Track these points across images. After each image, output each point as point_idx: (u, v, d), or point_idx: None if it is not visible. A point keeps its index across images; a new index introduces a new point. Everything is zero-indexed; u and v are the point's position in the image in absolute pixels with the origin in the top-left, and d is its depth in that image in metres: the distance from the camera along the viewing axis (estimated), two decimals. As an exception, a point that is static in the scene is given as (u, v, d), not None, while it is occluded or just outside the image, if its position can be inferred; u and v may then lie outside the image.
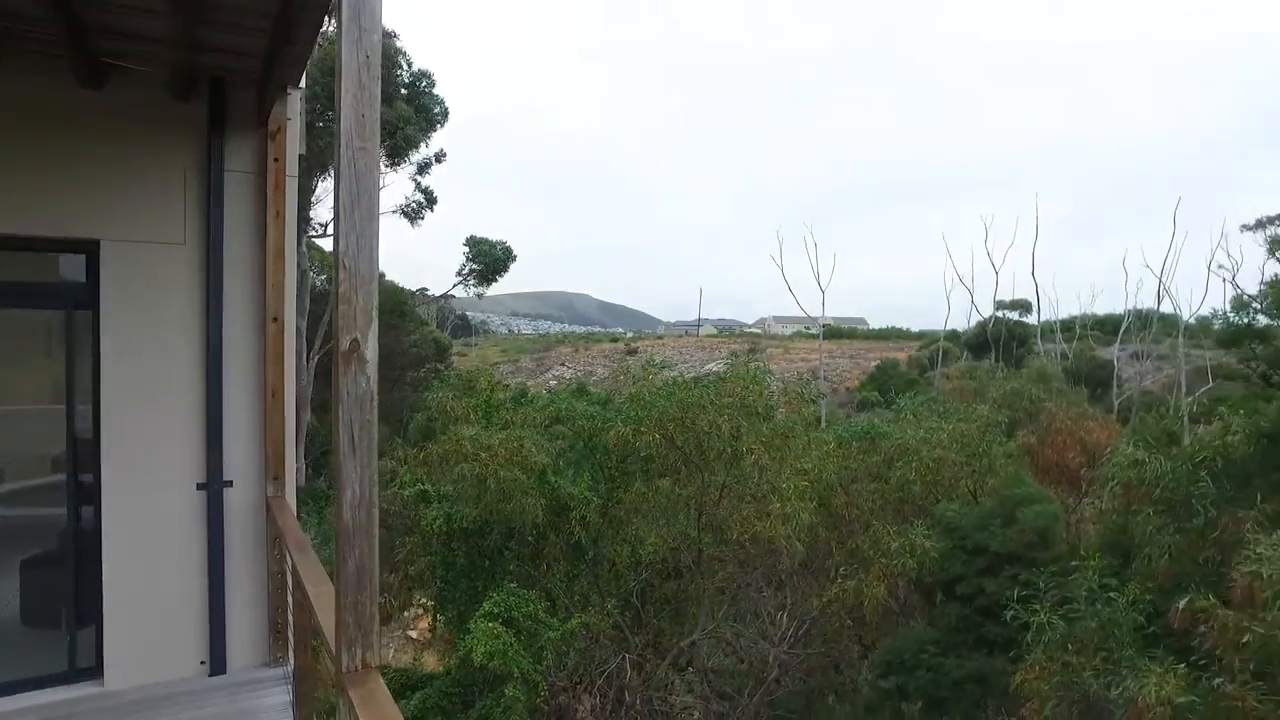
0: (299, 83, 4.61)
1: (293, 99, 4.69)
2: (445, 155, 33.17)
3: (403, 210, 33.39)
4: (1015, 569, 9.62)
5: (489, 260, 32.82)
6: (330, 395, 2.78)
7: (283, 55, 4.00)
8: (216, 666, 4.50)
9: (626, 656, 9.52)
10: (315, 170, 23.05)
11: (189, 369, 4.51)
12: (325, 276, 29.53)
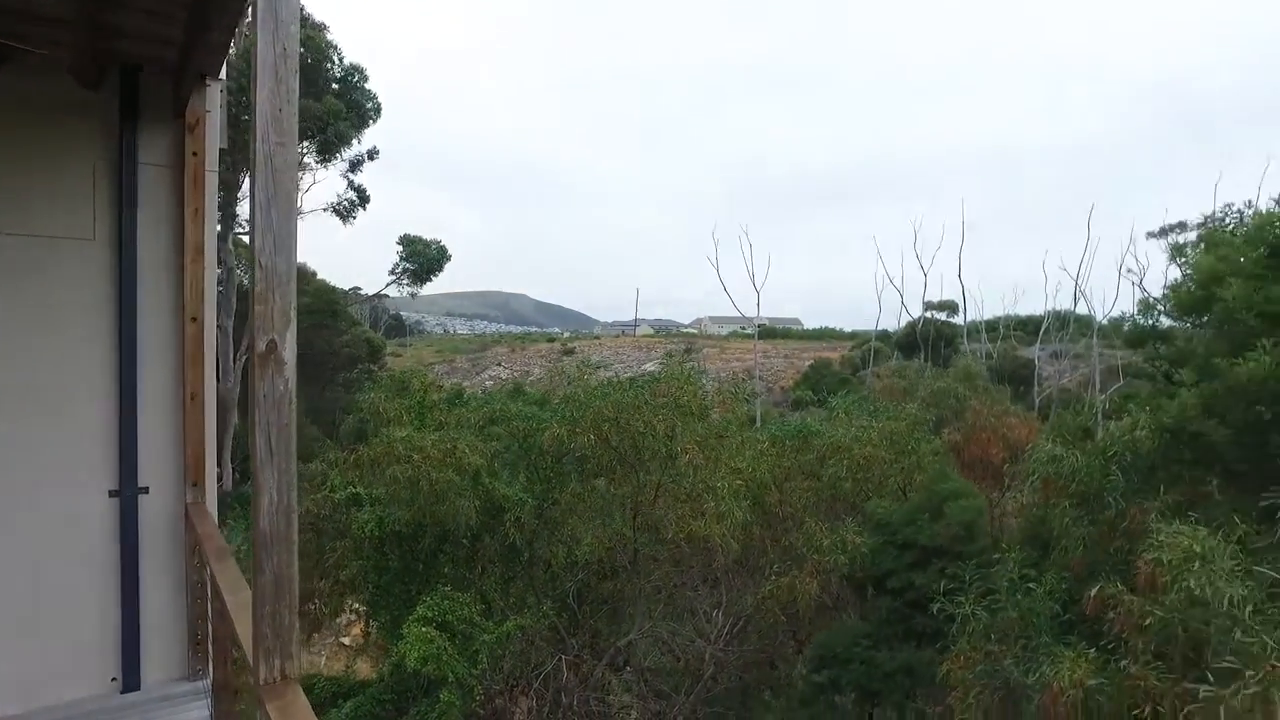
0: (219, 74, 4.45)
1: (212, 90, 4.52)
2: (378, 153, 32.55)
3: (335, 208, 32.64)
4: (942, 562, 9.91)
5: (423, 259, 32.35)
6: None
7: (200, 44, 3.85)
8: (130, 683, 4.29)
9: (563, 658, 9.49)
10: (241, 165, 22.26)
11: (99, 371, 4.29)
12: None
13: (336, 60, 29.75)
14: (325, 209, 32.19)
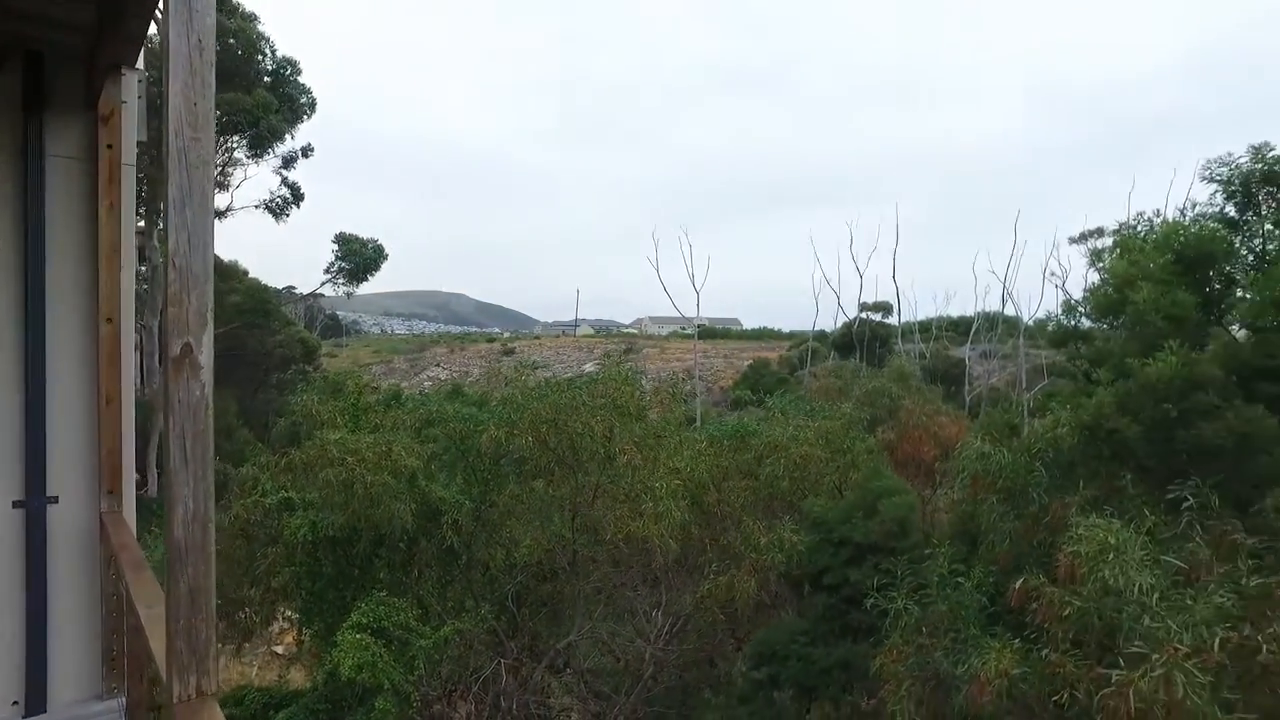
0: (136, 63, 4.26)
1: (129, 80, 4.32)
2: (313, 149, 31.77)
3: (267, 205, 31.73)
4: (876, 558, 10.12)
5: (359, 259, 31.72)
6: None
7: (114, 32, 3.68)
8: (34, 705, 4.05)
9: (502, 661, 9.40)
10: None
11: (2, 375, 4.07)
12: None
13: (269, 53, 28.91)
14: (258, 206, 31.30)
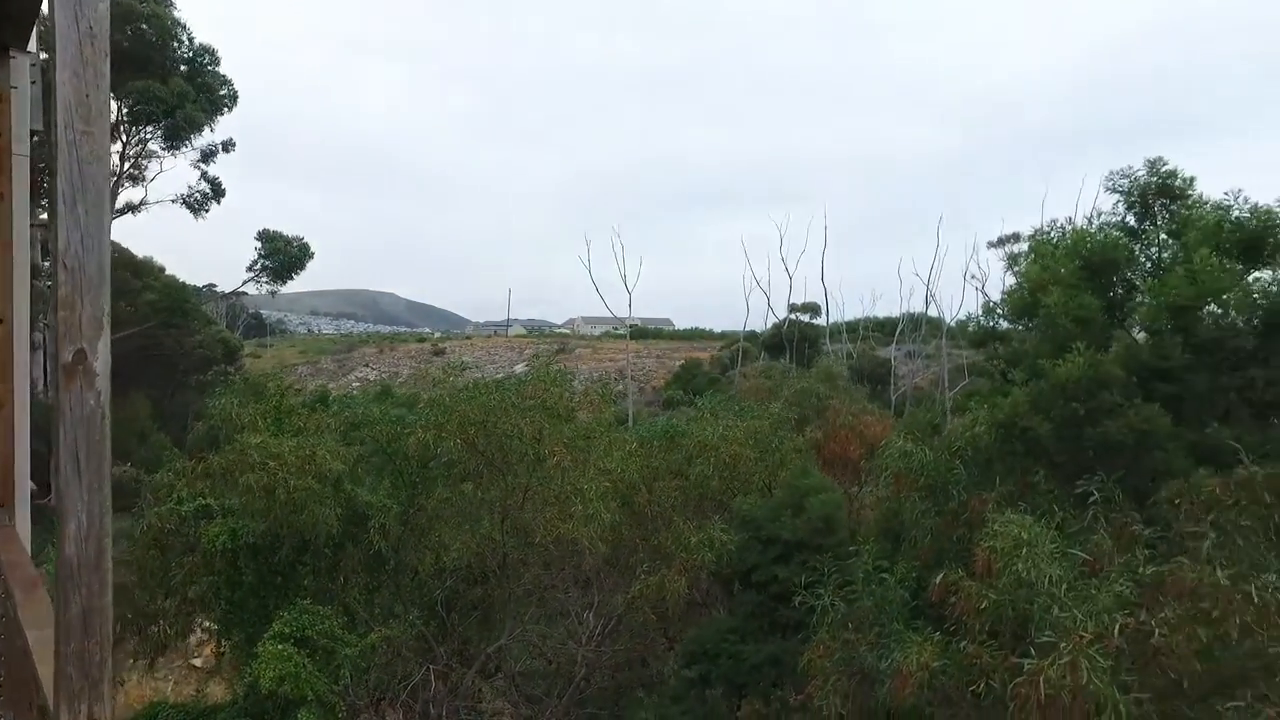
0: (27, 46, 4.01)
1: (19, 64, 4.05)
2: (234, 144, 30.67)
3: (185, 200, 30.50)
4: (804, 555, 10.30)
5: (284, 257, 30.76)
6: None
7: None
8: (-97, 736, 3.78)
9: (432, 668, 9.25)
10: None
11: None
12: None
13: (186, 40, 27.77)
14: (175, 200, 30.05)
